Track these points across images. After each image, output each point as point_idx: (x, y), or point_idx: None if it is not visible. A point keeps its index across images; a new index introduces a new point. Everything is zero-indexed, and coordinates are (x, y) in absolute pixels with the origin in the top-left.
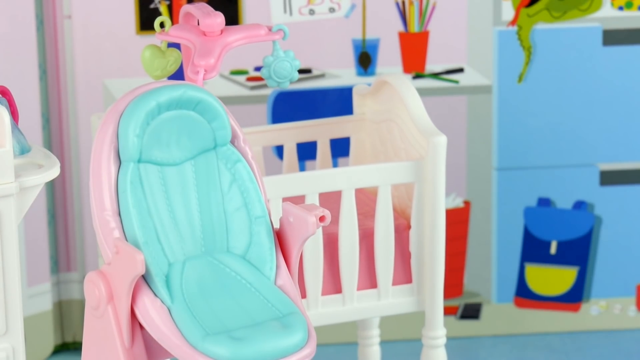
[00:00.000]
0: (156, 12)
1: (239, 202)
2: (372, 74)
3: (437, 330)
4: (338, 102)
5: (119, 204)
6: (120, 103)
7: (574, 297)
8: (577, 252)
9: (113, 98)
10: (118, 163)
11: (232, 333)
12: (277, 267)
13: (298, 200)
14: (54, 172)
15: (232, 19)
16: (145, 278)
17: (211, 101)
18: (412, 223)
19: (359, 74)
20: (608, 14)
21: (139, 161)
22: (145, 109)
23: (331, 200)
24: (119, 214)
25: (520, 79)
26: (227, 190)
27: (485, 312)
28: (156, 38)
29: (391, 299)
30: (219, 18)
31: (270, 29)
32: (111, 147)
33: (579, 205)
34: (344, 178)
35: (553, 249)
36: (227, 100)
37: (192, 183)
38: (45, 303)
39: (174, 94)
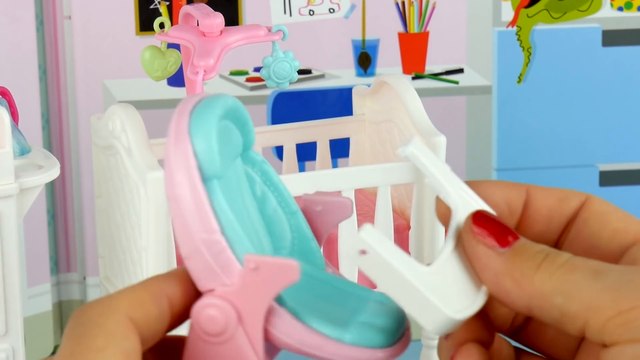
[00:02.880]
0: (156, 13)
1: (273, 201)
2: (372, 74)
3: None
4: (337, 102)
5: (220, 224)
6: (182, 120)
7: None
8: None
9: (113, 98)
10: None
11: (359, 321)
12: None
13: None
14: (53, 172)
15: (232, 19)
16: None
17: (243, 107)
18: (412, 223)
19: (359, 74)
20: (608, 15)
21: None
22: (214, 124)
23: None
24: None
25: (519, 79)
26: (259, 192)
27: None
28: (156, 39)
29: None
30: (219, 19)
31: (269, 30)
32: (195, 166)
33: None
34: (344, 178)
35: None
36: None
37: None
38: (45, 303)
39: (227, 104)
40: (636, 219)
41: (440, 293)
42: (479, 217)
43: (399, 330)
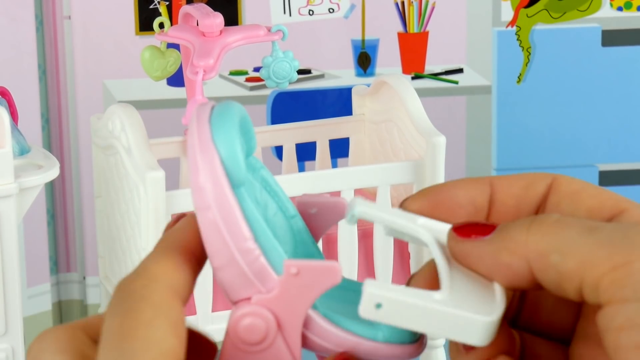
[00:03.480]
0: (155, 13)
1: (274, 207)
2: (372, 74)
3: None
4: (337, 102)
5: (253, 231)
6: (203, 129)
7: None
8: None
9: (113, 98)
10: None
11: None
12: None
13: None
14: (53, 172)
15: (232, 19)
16: None
17: (247, 115)
18: None
19: (359, 74)
20: (607, 15)
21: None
22: (236, 131)
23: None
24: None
25: (519, 79)
26: (261, 198)
27: None
28: (155, 39)
29: None
30: (218, 19)
31: (269, 30)
32: (223, 174)
33: None
34: (343, 178)
35: None
36: None
37: None
38: (45, 303)
39: (240, 112)
40: (608, 192)
41: (466, 306)
42: (457, 226)
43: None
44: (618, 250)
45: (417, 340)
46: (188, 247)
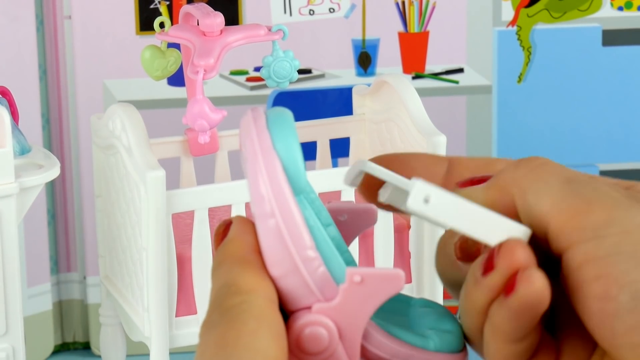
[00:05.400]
0: (156, 13)
1: (313, 215)
2: (372, 74)
3: None
4: (338, 102)
5: (315, 239)
6: (264, 136)
7: None
8: None
9: (113, 98)
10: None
11: (429, 327)
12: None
13: None
14: (54, 172)
15: (232, 19)
16: None
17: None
18: (412, 223)
19: (359, 74)
20: (608, 14)
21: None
22: (296, 139)
23: (331, 200)
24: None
25: (520, 79)
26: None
27: None
28: (156, 38)
29: None
30: (219, 18)
31: (269, 29)
32: (286, 182)
33: None
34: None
35: None
36: (226, 101)
37: None
38: (45, 303)
39: (293, 118)
40: (487, 159)
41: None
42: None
43: (461, 332)
44: (583, 201)
45: (463, 349)
46: (258, 256)
